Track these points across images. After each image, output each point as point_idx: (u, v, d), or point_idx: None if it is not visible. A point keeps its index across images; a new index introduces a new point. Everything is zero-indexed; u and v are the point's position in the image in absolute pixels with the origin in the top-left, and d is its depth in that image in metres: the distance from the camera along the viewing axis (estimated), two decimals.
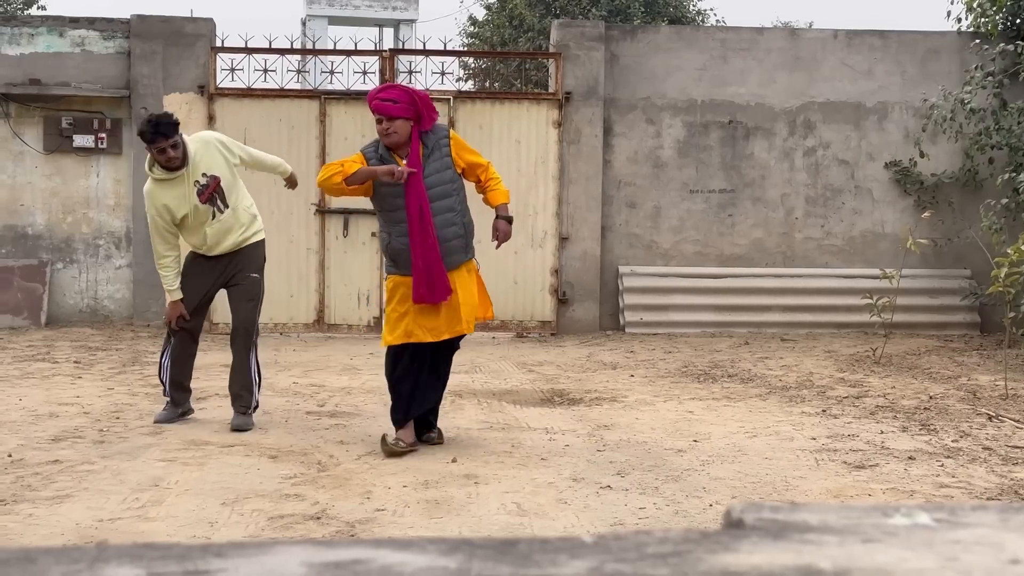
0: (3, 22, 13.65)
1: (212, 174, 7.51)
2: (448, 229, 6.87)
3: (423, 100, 6.88)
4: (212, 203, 7.52)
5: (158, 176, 7.43)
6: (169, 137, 7.28)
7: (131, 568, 0.99)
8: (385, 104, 6.79)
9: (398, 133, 6.80)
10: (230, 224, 7.61)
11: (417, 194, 6.77)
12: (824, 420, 8.07)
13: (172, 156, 7.32)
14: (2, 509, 5.58)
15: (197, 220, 7.51)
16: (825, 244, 13.77)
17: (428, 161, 6.85)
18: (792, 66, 13.69)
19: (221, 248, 7.65)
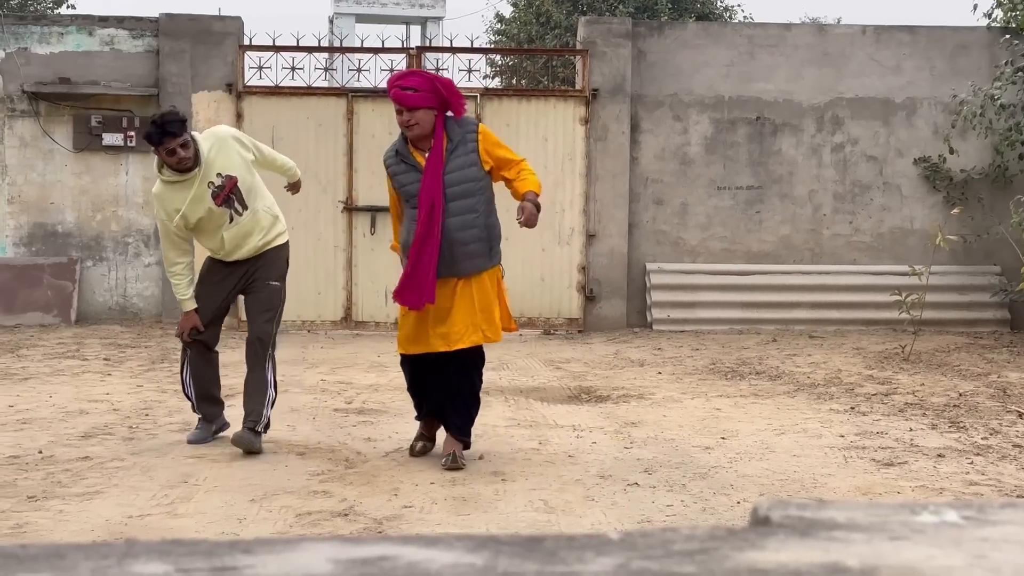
0: (33, 21, 13.73)
1: (228, 174, 6.84)
2: (467, 232, 6.33)
3: (447, 87, 6.34)
4: (229, 205, 6.85)
5: (168, 178, 6.79)
6: (177, 135, 6.63)
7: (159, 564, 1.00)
8: (405, 93, 6.24)
9: (420, 125, 6.26)
10: (249, 227, 6.95)
11: (431, 190, 6.27)
12: (852, 417, 8.04)
13: (183, 156, 6.66)
14: (33, 505, 5.62)
15: (213, 224, 6.86)
16: (853, 241, 13.70)
17: (451, 156, 6.32)
18: (820, 62, 13.63)
19: (240, 253, 7.00)
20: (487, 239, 6.43)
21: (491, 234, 6.47)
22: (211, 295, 7.06)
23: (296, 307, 12.72)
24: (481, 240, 6.39)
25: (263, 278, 7.06)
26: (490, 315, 6.43)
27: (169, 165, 6.73)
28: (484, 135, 6.43)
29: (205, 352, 7.13)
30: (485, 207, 6.43)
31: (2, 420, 7.70)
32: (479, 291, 6.40)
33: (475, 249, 6.37)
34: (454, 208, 6.30)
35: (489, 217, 6.45)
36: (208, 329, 7.07)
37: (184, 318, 7.04)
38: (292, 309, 12.80)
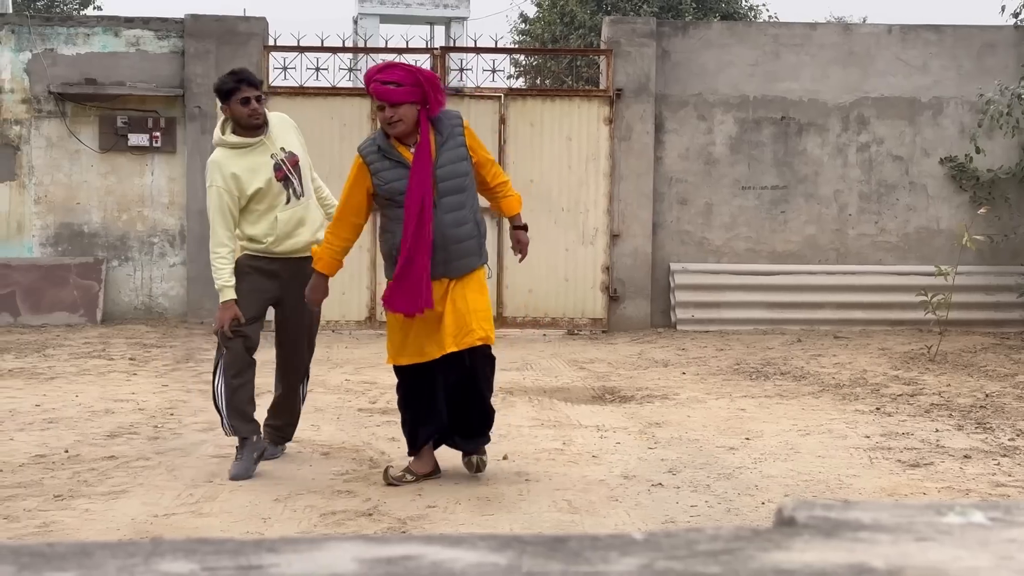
0: (60, 22, 13.80)
1: (291, 151, 6.42)
2: (461, 228, 5.91)
3: (430, 81, 5.89)
4: (288, 184, 6.34)
5: (232, 141, 6.30)
6: (254, 85, 6.29)
7: (185, 562, 1.00)
8: (386, 88, 5.78)
9: (404, 121, 5.81)
10: (303, 215, 6.41)
11: (421, 185, 5.79)
12: (878, 418, 8.01)
13: (256, 109, 6.25)
14: (59, 504, 5.65)
15: (268, 201, 6.29)
16: (879, 241, 13.65)
17: (442, 149, 5.88)
18: (845, 61, 13.58)
19: (290, 244, 6.39)
20: (479, 235, 6.05)
21: (481, 230, 6.09)
22: (253, 291, 6.38)
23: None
24: (474, 237, 6.00)
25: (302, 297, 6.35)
26: (486, 315, 5.99)
27: (238, 119, 6.26)
28: (468, 128, 6.06)
29: (243, 355, 6.32)
30: (473, 203, 6.03)
31: (29, 419, 7.75)
32: (473, 290, 5.97)
33: (469, 247, 5.97)
34: (447, 204, 5.88)
35: (477, 213, 6.07)
36: (250, 325, 6.34)
37: (223, 309, 6.28)
38: None
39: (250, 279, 6.36)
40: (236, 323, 6.25)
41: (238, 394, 6.31)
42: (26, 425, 7.55)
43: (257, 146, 6.30)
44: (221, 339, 6.32)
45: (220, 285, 6.27)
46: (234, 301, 6.26)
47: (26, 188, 13.36)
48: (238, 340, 6.27)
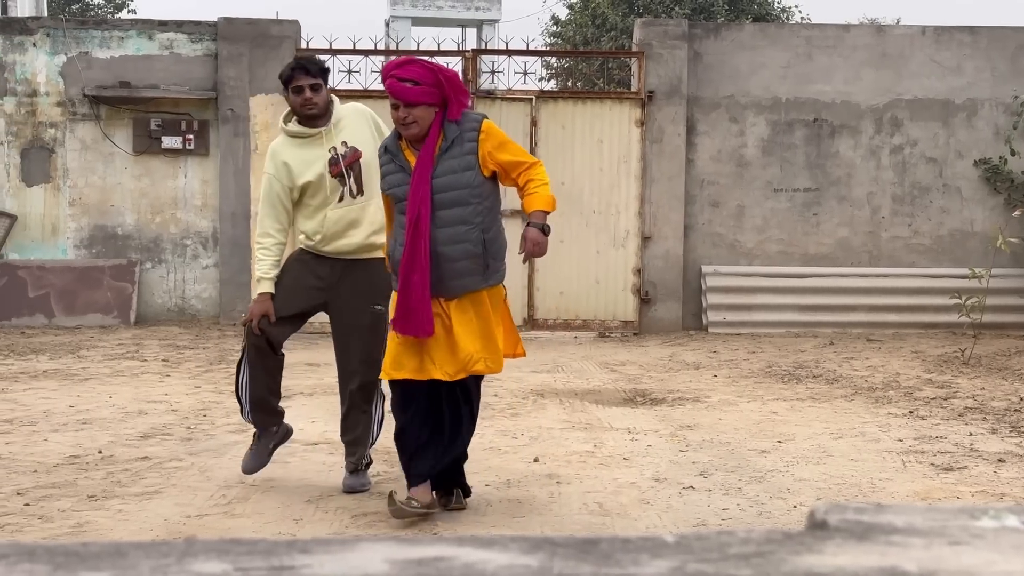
0: (94, 26, 13.90)
1: (354, 145, 5.99)
2: (456, 246, 5.31)
3: (451, 81, 5.37)
4: (344, 180, 5.94)
5: (291, 130, 6.03)
6: (310, 73, 5.95)
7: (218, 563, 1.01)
8: (403, 86, 5.26)
9: (418, 124, 5.30)
10: (357, 216, 5.96)
11: (417, 197, 5.29)
12: (911, 421, 7.96)
13: (309, 98, 5.91)
14: (93, 504, 5.69)
15: (320, 196, 5.93)
16: (912, 243, 13.58)
17: (442, 157, 5.33)
18: (879, 63, 13.52)
19: (340, 245, 5.97)
20: (482, 256, 5.37)
21: (489, 250, 5.41)
22: (293, 290, 5.99)
23: None
24: (474, 257, 5.35)
25: (366, 297, 5.97)
26: (490, 342, 5.44)
27: (293, 108, 5.99)
28: (487, 134, 5.39)
29: (267, 349, 5.97)
30: (483, 219, 5.38)
31: (63, 420, 7.80)
32: (477, 315, 5.43)
33: (465, 267, 5.35)
34: (442, 218, 5.30)
35: (488, 231, 5.41)
36: (278, 324, 5.95)
37: (257, 302, 5.97)
38: None
39: (295, 275, 6.02)
40: (266, 321, 5.89)
41: (261, 386, 6.01)
42: (60, 426, 7.60)
43: (316, 138, 5.98)
44: (247, 333, 5.99)
45: (258, 276, 6.00)
46: (270, 296, 5.90)
47: (61, 190, 13.46)
48: (262, 338, 5.92)
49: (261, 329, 5.89)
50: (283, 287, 5.95)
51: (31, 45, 13.44)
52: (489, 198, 5.44)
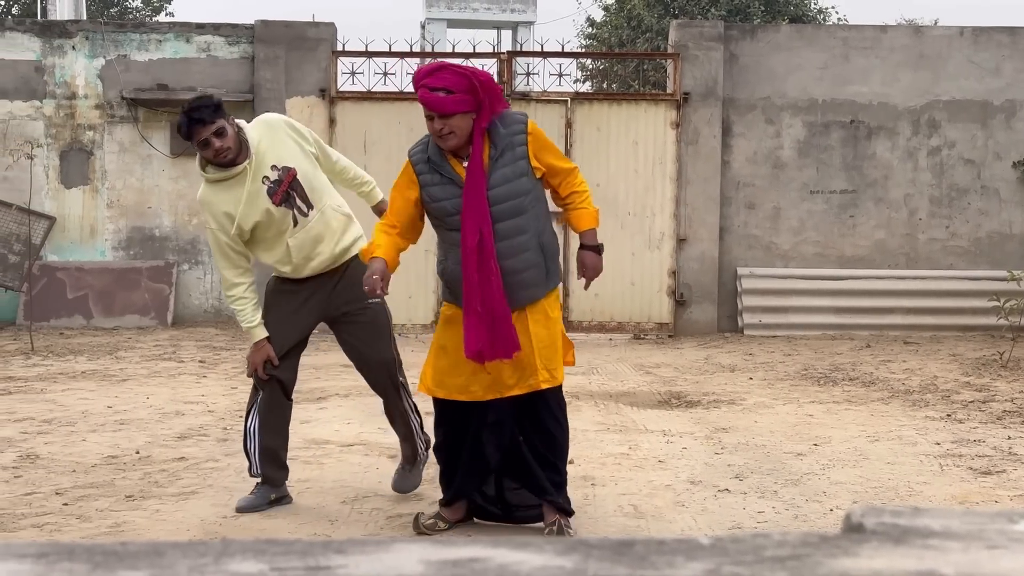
0: (132, 29, 14.00)
1: (284, 165, 5.56)
2: (519, 258, 5.06)
3: (486, 84, 5.03)
4: (290, 204, 5.56)
5: (212, 176, 5.55)
6: (207, 122, 5.40)
7: (255, 563, 1.01)
8: (435, 96, 4.94)
9: (456, 134, 4.98)
10: (318, 232, 5.63)
11: (477, 215, 4.98)
12: (949, 425, 7.91)
13: (220, 147, 5.41)
14: (130, 504, 5.73)
15: (273, 230, 5.58)
16: (950, 245, 13.49)
17: (496, 166, 5.03)
18: (916, 64, 13.43)
19: (313, 267, 5.69)
20: (544, 262, 5.16)
21: (547, 254, 5.19)
22: (284, 323, 5.72)
23: None
24: (536, 266, 5.13)
25: (358, 299, 5.62)
26: (552, 352, 5.15)
27: (207, 160, 5.52)
28: (534, 136, 5.12)
29: (281, 399, 5.74)
30: (537, 223, 5.15)
31: (101, 421, 7.86)
32: (538, 323, 5.14)
33: (531, 277, 5.11)
34: (502, 231, 5.03)
35: (543, 235, 5.18)
36: (283, 364, 5.70)
37: (254, 350, 5.66)
38: None
39: (281, 306, 5.73)
40: (270, 366, 5.64)
41: (272, 437, 5.72)
42: (98, 426, 7.66)
43: (242, 174, 5.50)
44: (256, 382, 5.70)
45: (246, 327, 5.68)
46: (266, 339, 5.64)
47: (99, 192, 13.56)
48: (273, 382, 5.68)
49: (270, 374, 5.65)
50: (273, 323, 5.68)
51: (70, 48, 13.55)
52: (540, 202, 5.19)
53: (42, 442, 7.13)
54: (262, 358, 5.63)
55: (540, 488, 5.23)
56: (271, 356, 5.63)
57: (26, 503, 5.71)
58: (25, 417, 7.93)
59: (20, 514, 5.51)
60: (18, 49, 13.55)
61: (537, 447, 5.22)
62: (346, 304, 5.76)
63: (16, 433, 7.38)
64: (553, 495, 5.22)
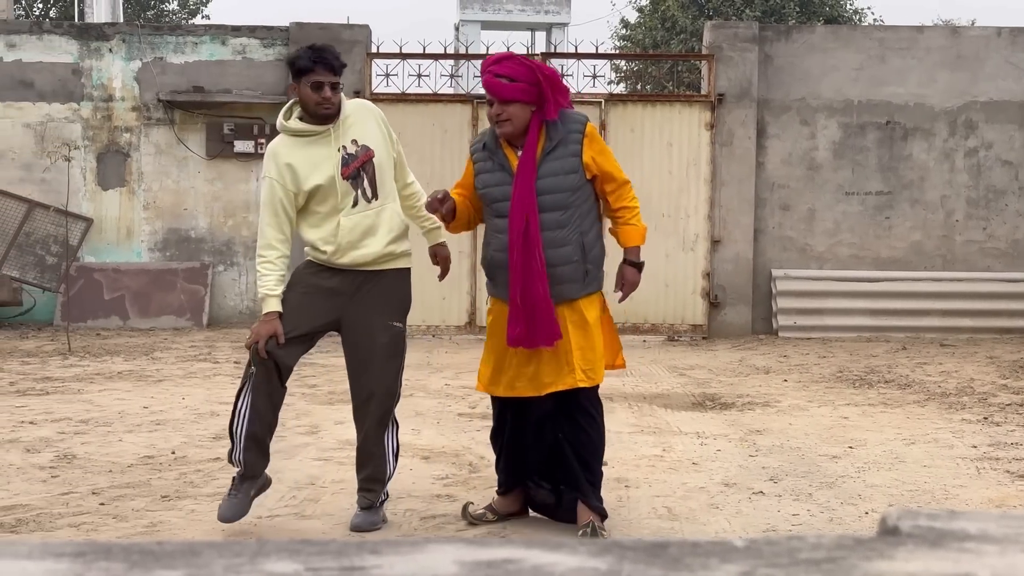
0: (168, 31, 14.08)
1: (365, 144, 5.38)
2: (557, 251, 5.11)
3: (550, 79, 5.14)
4: (356, 183, 5.31)
5: (294, 128, 5.35)
6: (334, 71, 5.28)
7: (290, 563, 1.02)
8: (499, 82, 5.08)
9: (512, 122, 5.09)
10: (373, 222, 5.34)
11: (525, 202, 5.07)
12: (986, 428, 7.85)
13: (328, 97, 5.25)
14: (166, 504, 5.76)
15: (330, 202, 5.29)
16: (987, 247, 13.39)
17: (546, 158, 5.12)
18: (953, 65, 13.35)
19: (356, 255, 5.34)
20: (582, 260, 5.18)
21: (588, 255, 5.21)
22: (302, 308, 5.36)
23: (421, 312, 12.84)
24: (574, 262, 5.15)
25: (383, 313, 5.42)
26: (590, 353, 5.18)
27: (306, 105, 5.30)
28: (591, 138, 5.20)
29: (275, 380, 5.31)
30: (581, 222, 5.19)
31: (137, 421, 7.91)
32: (575, 324, 5.19)
33: (566, 272, 5.14)
34: (544, 222, 5.11)
35: (587, 234, 5.21)
36: (287, 347, 5.28)
37: (263, 322, 5.28)
38: (417, 314, 12.91)
39: (303, 293, 5.39)
40: (273, 343, 5.23)
41: (259, 423, 5.31)
42: (135, 427, 7.71)
43: (323, 136, 5.32)
44: (252, 356, 5.27)
45: (263, 293, 5.31)
46: (277, 315, 5.27)
47: (135, 194, 13.65)
48: (270, 362, 5.25)
49: (268, 352, 5.22)
50: (291, 304, 5.32)
51: (107, 51, 13.65)
52: (588, 202, 5.23)
53: (79, 442, 7.18)
54: (268, 332, 5.21)
55: (577, 486, 5.29)
56: (278, 332, 5.21)
57: (63, 503, 5.75)
58: (62, 417, 7.99)
59: (57, 513, 5.55)
60: (56, 52, 13.66)
61: (573, 446, 5.27)
62: (371, 315, 5.39)
63: (54, 433, 7.44)
64: (588, 495, 5.26)
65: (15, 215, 13.43)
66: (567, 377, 5.15)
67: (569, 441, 5.27)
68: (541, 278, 5.05)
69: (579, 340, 5.16)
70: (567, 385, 5.15)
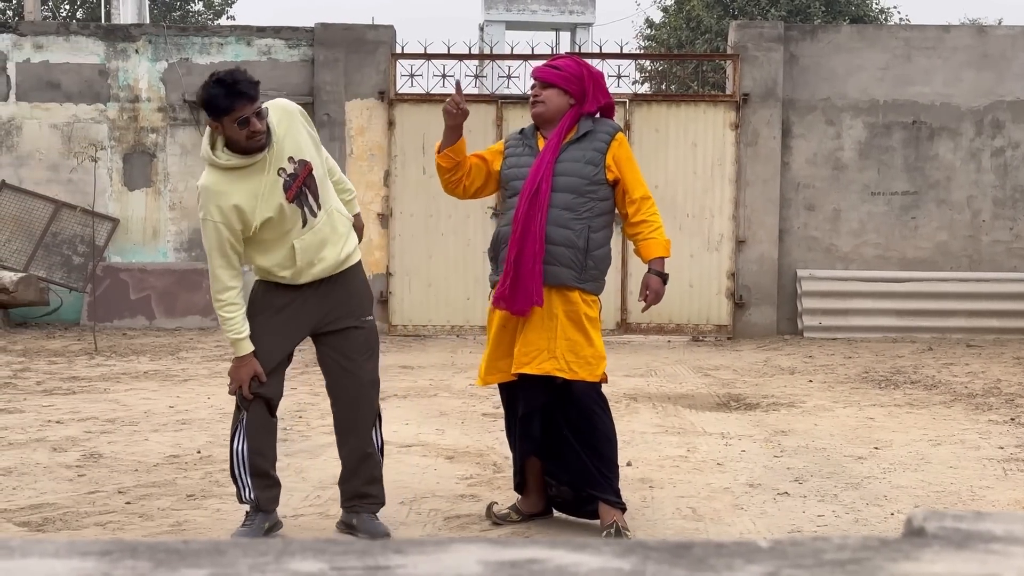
0: (194, 32, 14.14)
1: (301, 158, 5.02)
2: (558, 230, 5.15)
3: (594, 78, 5.33)
4: (302, 202, 5.00)
5: (225, 162, 4.91)
6: (253, 99, 4.83)
7: (315, 562, 1.02)
8: (544, 69, 5.32)
9: (545, 104, 5.24)
10: (325, 234, 5.08)
11: (539, 174, 5.17)
12: (1013, 429, 7.81)
13: (258, 130, 4.84)
14: (191, 503, 5.78)
15: (280, 229, 5.00)
16: (1014, 247, 13.32)
17: (569, 146, 5.23)
18: (980, 64, 13.28)
19: (314, 273, 5.11)
20: (583, 251, 5.16)
21: (591, 249, 5.20)
22: (273, 334, 5.15)
23: (445, 312, 12.85)
24: (574, 248, 5.15)
25: (353, 314, 5.25)
26: (581, 348, 5.15)
27: (234, 143, 4.89)
28: (620, 143, 5.28)
29: (266, 416, 5.21)
30: (592, 218, 5.21)
31: (163, 420, 7.94)
32: (567, 315, 5.16)
33: (564, 256, 5.14)
34: (554, 200, 5.16)
35: (595, 231, 5.22)
36: (270, 380, 5.14)
37: (239, 365, 5.12)
38: (441, 314, 12.94)
39: (268, 318, 5.14)
40: (256, 383, 5.09)
41: (260, 457, 5.18)
42: (160, 426, 7.74)
43: (259, 164, 4.93)
44: (240, 401, 5.16)
45: (233, 338, 5.09)
46: (252, 354, 5.08)
47: (161, 195, 13.71)
48: (259, 401, 5.14)
49: (255, 393, 5.09)
50: (260, 335, 5.10)
51: (133, 52, 13.71)
52: (604, 201, 5.25)
53: (105, 441, 7.21)
54: (249, 374, 5.07)
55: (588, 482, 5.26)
56: (258, 372, 5.06)
57: (89, 501, 5.78)
58: (89, 416, 8.03)
59: (84, 512, 5.58)
60: (83, 53, 13.73)
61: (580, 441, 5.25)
62: (341, 318, 5.21)
63: (80, 432, 7.47)
64: (603, 489, 5.22)
65: (42, 215, 13.50)
66: (545, 363, 5.12)
67: (575, 437, 5.25)
68: (538, 241, 5.09)
69: (569, 332, 5.14)
70: (542, 371, 5.12)
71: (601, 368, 5.23)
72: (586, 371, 5.16)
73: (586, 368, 5.15)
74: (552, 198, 5.15)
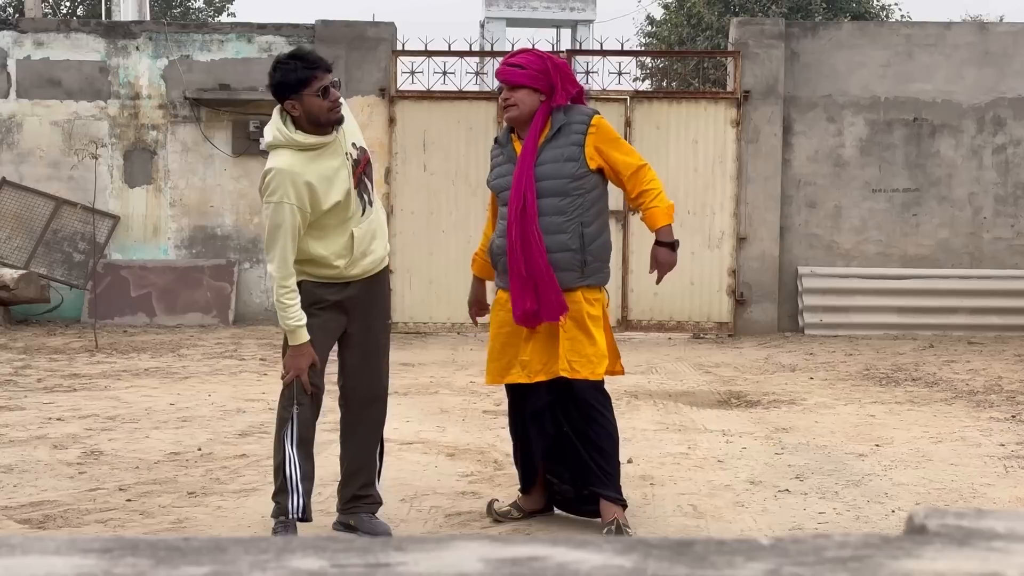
0: (195, 29, 14.13)
1: (362, 146, 5.06)
2: (553, 238, 5.11)
3: (559, 69, 5.21)
4: (361, 190, 4.97)
5: (305, 142, 4.85)
6: (329, 69, 4.87)
7: (316, 559, 1.02)
8: (509, 69, 5.16)
9: (518, 107, 5.13)
10: (376, 227, 5.10)
11: (522, 181, 5.09)
12: (1014, 426, 7.81)
13: (338, 100, 4.83)
14: (192, 501, 5.78)
15: (341, 215, 4.92)
16: (1016, 244, 13.32)
17: (546, 146, 5.14)
18: (981, 61, 13.28)
19: (365, 264, 5.06)
20: (580, 251, 5.14)
21: (587, 246, 5.17)
22: (323, 330, 5.05)
23: (447, 310, 12.84)
24: (571, 251, 5.13)
25: (380, 315, 5.28)
26: (583, 346, 5.14)
27: (315, 116, 4.82)
28: (598, 128, 5.20)
29: (316, 413, 5.12)
30: (582, 213, 5.16)
31: (164, 418, 7.94)
32: (570, 315, 5.15)
33: (562, 260, 5.11)
34: (542, 207, 5.12)
35: (588, 226, 5.18)
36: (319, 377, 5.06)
37: (298, 355, 4.96)
38: (443, 311, 12.93)
39: (316, 317, 5.00)
40: (313, 373, 4.97)
41: (311, 466, 5.07)
42: (161, 423, 7.74)
43: (332, 144, 4.87)
44: (296, 393, 4.98)
45: (292, 325, 4.90)
46: (309, 343, 4.94)
47: (162, 192, 13.71)
48: (315, 394, 5.05)
49: (314, 384, 5.00)
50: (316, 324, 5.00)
51: (134, 49, 13.71)
52: (592, 192, 5.20)
53: (106, 438, 7.22)
54: (307, 362, 4.93)
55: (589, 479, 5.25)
56: (316, 360, 4.95)
57: (90, 499, 5.79)
58: (89, 414, 8.03)
59: (84, 509, 5.58)
60: (83, 50, 13.73)
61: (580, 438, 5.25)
62: (373, 319, 5.19)
63: (81, 430, 7.48)
64: (604, 486, 5.21)
65: (43, 212, 13.51)
66: (553, 366, 5.15)
67: (576, 434, 5.25)
68: (541, 257, 5.05)
69: (571, 331, 5.13)
70: (552, 374, 5.15)
71: (602, 367, 5.20)
72: (587, 369, 5.14)
73: (587, 366, 5.14)
74: (540, 206, 5.11)
